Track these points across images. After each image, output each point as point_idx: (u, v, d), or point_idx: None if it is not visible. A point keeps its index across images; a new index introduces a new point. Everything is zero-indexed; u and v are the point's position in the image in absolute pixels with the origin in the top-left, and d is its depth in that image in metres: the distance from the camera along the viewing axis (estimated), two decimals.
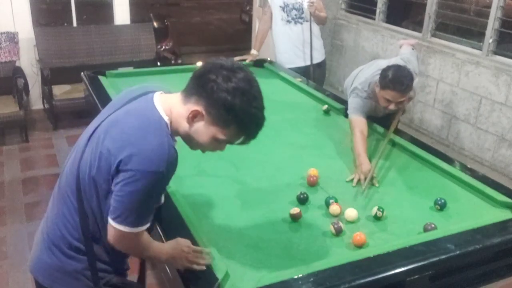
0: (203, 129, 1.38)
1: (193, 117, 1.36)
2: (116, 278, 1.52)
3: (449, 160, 2.27)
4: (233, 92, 1.32)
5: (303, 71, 3.84)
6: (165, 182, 1.37)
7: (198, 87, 1.36)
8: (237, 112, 1.33)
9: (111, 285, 1.51)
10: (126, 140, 1.31)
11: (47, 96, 4.63)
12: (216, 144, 1.42)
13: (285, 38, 3.91)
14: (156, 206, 1.42)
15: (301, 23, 3.86)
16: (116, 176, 1.31)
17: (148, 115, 1.36)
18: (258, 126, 1.39)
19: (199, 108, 1.35)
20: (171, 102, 1.41)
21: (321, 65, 4.04)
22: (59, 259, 1.44)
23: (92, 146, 1.37)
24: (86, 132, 1.46)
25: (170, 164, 1.33)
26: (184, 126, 1.39)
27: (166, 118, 1.37)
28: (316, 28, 3.93)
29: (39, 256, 1.49)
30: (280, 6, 3.83)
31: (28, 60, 4.93)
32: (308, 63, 3.93)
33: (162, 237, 1.62)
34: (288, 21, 3.86)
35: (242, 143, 1.41)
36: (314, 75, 3.91)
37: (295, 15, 3.84)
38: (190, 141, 1.44)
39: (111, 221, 1.35)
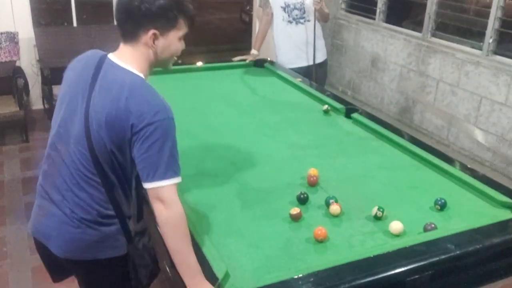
0: (166, 42, 1.54)
1: (154, 40, 1.51)
2: (144, 239, 1.64)
3: (449, 160, 2.27)
4: None
5: (305, 71, 3.84)
6: (174, 125, 1.48)
7: (134, 21, 1.50)
8: (173, 6, 1.51)
9: (144, 246, 1.65)
10: (127, 108, 1.42)
11: (47, 96, 4.63)
12: (181, 43, 1.60)
13: (286, 38, 3.91)
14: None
15: (303, 23, 3.86)
16: (132, 142, 1.43)
17: (129, 79, 1.49)
18: (190, 5, 1.57)
19: (150, 32, 1.50)
20: (129, 55, 1.54)
21: (322, 65, 4.04)
22: (100, 231, 1.56)
23: (97, 128, 1.46)
24: (69, 120, 1.54)
25: (169, 107, 1.48)
26: (152, 57, 1.54)
27: (141, 75, 1.52)
28: (318, 28, 3.93)
29: (77, 237, 1.55)
30: (282, 7, 3.83)
31: (28, 60, 4.93)
32: (310, 63, 3.93)
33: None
34: (290, 21, 3.85)
35: (190, 26, 1.59)
36: (316, 75, 3.91)
37: (296, 15, 3.84)
38: (165, 61, 1.60)
39: (145, 185, 1.45)
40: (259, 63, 3.82)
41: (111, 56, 1.55)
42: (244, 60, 3.82)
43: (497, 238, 1.68)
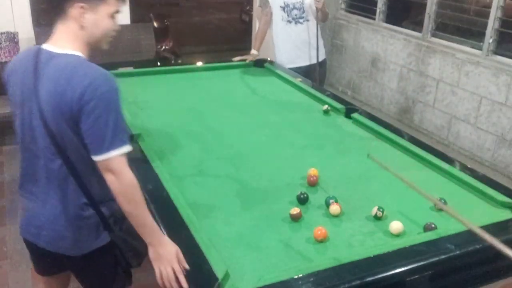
0: (96, 16, 1.53)
1: (81, 14, 1.51)
2: (125, 223, 1.63)
3: (449, 160, 2.26)
4: None
5: (304, 71, 3.84)
6: (117, 96, 1.49)
7: None
8: None
9: (125, 231, 1.67)
10: (69, 89, 1.43)
11: None
12: (113, 21, 1.59)
13: (285, 38, 3.91)
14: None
15: (302, 23, 3.86)
16: (80, 118, 1.45)
17: (67, 61, 1.49)
18: None
19: (77, 4, 1.49)
20: (62, 37, 1.54)
21: (322, 64, 4.04)
22: (84, 224, 1.60)
23: (53, 119, 1.48)
24: (29, 119, 1.56)
25: (111, 78, 1.49)
26: (84, 34, 1.53)
27: (78, 53, 1.52)
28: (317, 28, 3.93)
29: (63, 234, 1.60)
30: (281, 6, 3.83)
31: None
32: (309, 62, 3.93)
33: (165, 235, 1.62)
34: (289, 21, 3.85)
35: (121, 4, 1.60)
36: (315, 74, 3.91)
37: (296, 15, 3.84)
38: (99, 40, 1.58)
39: (94, 158, 1.47)
40: (259, 63, 3.82)
41: (46, 46, 1.55)
42: (244, 60, 3.82)
43: (497, 238, 1.68)
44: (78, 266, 1.71)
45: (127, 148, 1.50)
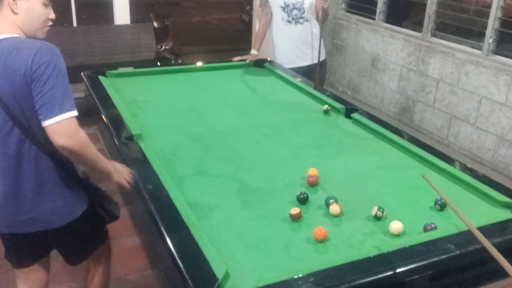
0: (29, 4, 1.59)
1: (14, 1, 1.56)
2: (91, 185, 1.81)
3: (449, 160, 2.27)
4: None
5: (303, 71, 3.84)
6: (62, 62, 1.56)
7: None
8: None
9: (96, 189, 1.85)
10: (16, 68, 1.49)
11: None
12: (47, 10, 1.65)
13: (285, 38, 3.91)
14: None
15: (302, 23, 3.86)
16: (33, 89, 1.50)
17: (10, 43, 1.54)
18: None
19: None
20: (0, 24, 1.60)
21: (322, 65, 4.04)
22: (62, 194, 1.70)
23: (14, 104, 1.53)
24: None
25: (52, 47, 1.55)
26: (18, 20, 1.59)
27: (16, 35, 1.58)
28: (317, 28, 3.93)
29: (52, 211, 1.69)
30: (281, 6, 3.83)
31: None
32: (309, 62, 3.94)
33: (165, 235, 1.62)
34: (289, 21, 3.86)
35: None
36: (316, 74, 3.92)
37: (296, 15, 3.84)
38: (34, 29, 1.63)
39: (47, 123, 1.50)
40: (259, 63, 3.82)
41: None
42: (244, 60, 3.82)
43: (497, 238, 1.68)
44: (63, 236, 1.77)
45: (75, 112, 1.55)
